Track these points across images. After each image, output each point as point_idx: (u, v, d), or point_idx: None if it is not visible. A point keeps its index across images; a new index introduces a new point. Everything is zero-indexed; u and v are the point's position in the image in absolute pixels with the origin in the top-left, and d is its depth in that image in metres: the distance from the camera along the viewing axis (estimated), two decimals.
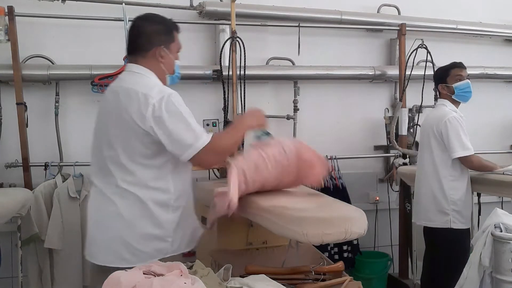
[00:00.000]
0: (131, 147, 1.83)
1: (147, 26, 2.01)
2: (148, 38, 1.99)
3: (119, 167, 1.84)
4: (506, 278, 1.98)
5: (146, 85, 1.87)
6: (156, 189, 1.87)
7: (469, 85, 2.97)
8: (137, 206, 1.84)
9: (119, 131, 1.84)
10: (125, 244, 1.83)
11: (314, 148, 3.85)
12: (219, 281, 1.64)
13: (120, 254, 1.83)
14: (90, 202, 1.95)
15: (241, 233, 2.63)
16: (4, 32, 2.96)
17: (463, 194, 2.88)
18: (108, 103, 1.92)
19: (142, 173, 1.84)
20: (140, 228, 1.85)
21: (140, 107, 1.79)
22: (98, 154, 1.91)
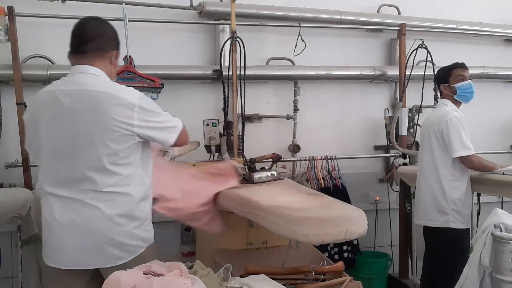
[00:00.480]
0: (112, 150, 1.83)
1: (108, 28, 1.99)
2: (109, 40, 1.97)
3: (100, 172, 1.83)
4: (506, 278, 1.98)
5: (120, 88, 1.88)
6: (135, 184, 1.91)
7: (471, 85, 2.97)
8: (122, 204, 1.87)
9: (99, 137, 1.82)
10: (116, 244, 1.87)
11: (314, 148, 3.88)
12: (219, 281, 1.64)
13: (113, 254, 1.86)
14: (59, 213, 1.86)
15: (241, 233, 2.64)
16: (4, 32, 2.96)
17: (463, 194, 2.88)
18: (75, 109, 1.83)
19: (122, 173, 1.87)
20: (127, 225, 1.89)
21: (126, 112, 1.82)
22: (67, 164, 1.85)
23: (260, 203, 2.20)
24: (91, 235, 1.85)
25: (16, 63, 3.04)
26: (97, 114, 1.82)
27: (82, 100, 1.83)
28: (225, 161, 2.56)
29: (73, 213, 1.85)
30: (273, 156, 3.10)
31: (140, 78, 3.21)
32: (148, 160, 2.02)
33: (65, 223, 1.86)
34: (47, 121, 1.87)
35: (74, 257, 1.87)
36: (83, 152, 1.83)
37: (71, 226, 1.85)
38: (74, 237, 1.85)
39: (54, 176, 1.89)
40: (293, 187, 2.66)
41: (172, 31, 3.59)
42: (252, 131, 3.63)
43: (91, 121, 1.82)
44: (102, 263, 1.86)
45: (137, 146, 1.91)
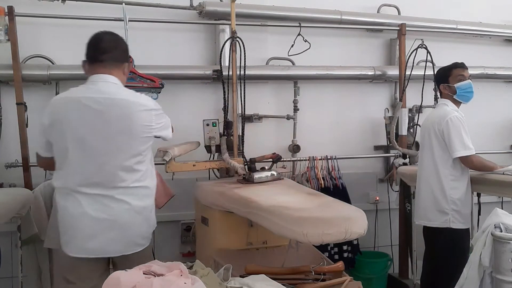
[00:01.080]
0: (137, 151, 2.11)
1: (122, 42, 2.22)
2: (123, 53, 2.20)
3: (128, 171, 2.09)
4: (506, 278, 1.99)
5: (139, 96, 2.16)
6: (150, 178, 2.21)
7: (471, 85, 2.97)
8: (143, 196, 2.15)
9: (127, 140, 2.08)
10: (140, 232, 2.15)
11: (314, 148, 3.88)
12: (219, 281, 1.64)
13: (136, 242, 2.14)
14: (89, 209, 2.06)
15: (241, 233, 2.64)
16: (4, 32, 2.95)
17: (463, 194, 2.88)
18: (104, 115, 2.04)
19: (142, 169, 2.14)
20: (147, 214, 2.18)
21: (148, 117, 2.11)
22: (97, 165, 2.05)
23: (260, 203, 2.20)
24: (120, 226, 2.08)
25: (16, 63, 3.04)
26: (125, 120, 2.06)
27: (111, 107, 2.05)
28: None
29: (103, 208, 2.06)
30: (273, 156, 3.10)
31: (140, 78, 3.21)
32: (152, 156, 2.29)
33: (95, 217, 2.06)
34: (75, 125, 2.04)
35: (103, 247, 2.08)
36: (113, 154, 2.06)
37: (102, 219, 2.06)
38: (105, 229, 2.07)
39: (83, 176, 2.06)
40: (293, 187, 2.67)
41: (172, 31, 3.59)
42: (252, 131, 3.62)
43: (120, 127, 2.06)
44: (127, 250, 2.11)
45: (151, 145, 2.20)
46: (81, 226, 2.06)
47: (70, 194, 2.08)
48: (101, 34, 2.18)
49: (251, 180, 2.75)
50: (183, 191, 3.38)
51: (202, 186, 2.90)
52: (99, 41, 2.15)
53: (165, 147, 2.75)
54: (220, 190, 2.65)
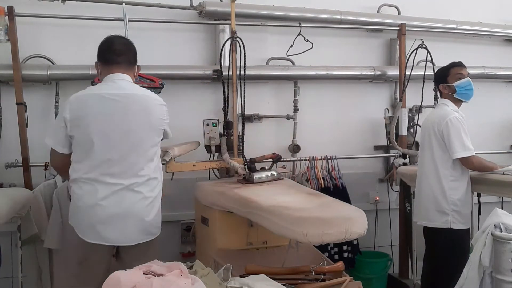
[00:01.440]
0: (155, 142, 2.29)
1: (133, 46, 2.39)
2: (135, 56, 2.37)
3: (146, 161, 2.24)
4: (506, 278, 1.98)
5: (151, 92, 2.39)
6: (159, 171, 2.34)
7: (470, 82, 2.97)
8: (155, 188, 2.29)
9: (147, 130, 2.25)
10: (153, 222, 2.28)
11: (314, 148, 3.89)
12: (219, 281, 1.64)
13: (150, 231, 2.27)
14: (105, 198, 2.17)
15: (241, 233, 2.64)
16: (4, 32, 2.95)
17: (463, 194, 2.88)
18: (127, 109, 2.21)
19: (155, 161, 2.31)
20: (158, 205, 2.32)
21: (162, 111, 2.32)
22: (120, 155, 2.19)
23: (260, 203, 2.20)
24: (135, 215, 2.20)
25: (16, 63, 3.04)
26: (145, 112, 2.25)
27: (132, 101, 2.23)
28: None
29: (119, 198, 2.18)
30: (273, 156, 3.10)
31: (140, 78, 3.21)
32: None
33: (111, 206, 2.17)
34: (100, 118, 2.18)
35: (119, 236, 2.20)
36: (136, 145, 2.22)
37: (117, 208, 2.17)
38: (120, 218, 2.18)
39: (106, 165, 2.18)
40: (293, 187, 2.67)
41: (172, 31, 3.59)
42: (252, 131, 3.62)
43: (141, 119, 2.23)
44: (141, 239, 2.24)
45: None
46: (98, 214, 2.16)
47: (88, 183, 2.18)
48: (114, 38, 2.35)
49: (251, 180, 2.75)
50: (183, 191, 3.38)
51: (202, 186, 2.90)
52: (114, 44, 2.31)
53: (165, 147, 2.75)
54: (220, 190, 2.65)
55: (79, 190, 2.19)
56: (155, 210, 2.29)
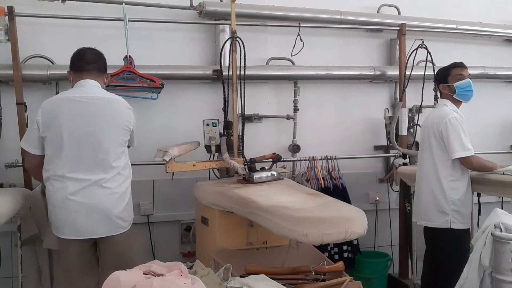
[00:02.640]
0: (121, 141, 2.45)
1: (103, 56, 2.60)
2: (104, 65, 2.59)
3: (114, 158, 2.40)
4: (506, 278, 1.99)
5: (119, 97, 2.55)
6: (128, 169, 2.52)
7: (470, 84, 2.97)
8: (123, 184, 2.44)
9: (114, 129, 2.42)
10: (121, 216, 2.41)
11: (314, 148, 3.89)
12: (219, 281, 1.64)
13: (119, 224, 2.41)
14: (75, 193, 2.34)
15: (241, 233, 2.64)
16: (4, 32, 2.95)
17: (463, 194, 2.88)
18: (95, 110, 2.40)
19: (123, 159, 2.47)
20: (126, 200, 2.46)
21: (129, 113, 2.50)
22: (88, 152, 2.36)
23: (260, 203, 2.20)
24: (103, 209, 2.35)
25: (16, 63, 3.04)
26: (113, 113, 2.43)
27: (100, 103, 2.43)
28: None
29: (88, 192, 2.34)
30: (273, 156, 3.10)
31: (140, 78, 3.22)
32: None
33: (81, 201, 2.33)
34: (70, 120, 2.36)
35: (90, 228, 2.35)
36: (102, 143, 2.37)
37: (86, 203, 2.33)
38: (89, 211, 2.33)
39: (76, 163, 2.35)
40: (293, 187, 2.67)
41: (172, 31, 3.59)
42: (252, 131, 3.63)
43: (109, 118, 2.41)
44: (110, 232, 2.38)
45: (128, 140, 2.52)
46: (68, 209, 2.33)
47: (59, 181, 2.35)
48: (85, 49, 2.55)
49: (251, 180, 2.75)
50: (183, 191, 3.39)
51: (202, 186, 2.90)
52: (85, 54, 2.52)
53: (165, 147, 2.76)
54: (220, 190, 2.65)
55: (52, 188, 2.37)
56: (123, 204, 2.42)
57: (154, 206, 3.50)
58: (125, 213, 2.44)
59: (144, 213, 3.46)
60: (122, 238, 2.44)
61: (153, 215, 3.49)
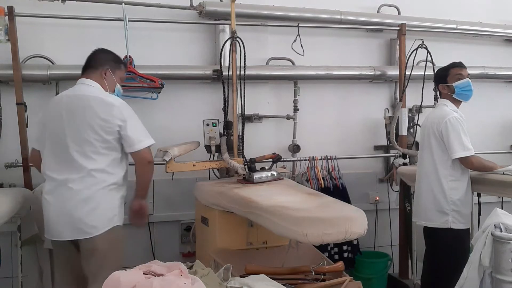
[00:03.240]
0: (94, 141, 2.31)
1: (99, 52, 2.57)
2: (100, 59, 2.52)
3: (85, 158, 2.30)
4: (506, 278, 1.98)
5: (102, 94, 2.42)
6: (108, 175, 2.35)
7: (469, 83, 2.97)
8: (95, 186, 2.30)
9: (85, 128, 2.31)
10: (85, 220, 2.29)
11: (314, 148, 3.89)
12: (219, 281, 1.64)
13: (82, 229, 2.29)
14: (49, 193, 2.35)
15: (241, 233, 2.64)
16: (4, 32, 2.96)
17: (463, 194, 2.88)
18: (73, 107, 2.36)
19: (102, 161, 2.33)
20: (98, 206, 2.31)
21: (107, 111, 2.33)
22: (61, 151, 2.33)
23: (260, 203, 2.20)
24: (66, 210, 2.28)
25: (16, 63, 3.04)
26: (84, 111, 2.33)
27: (76, 101, 2.38)
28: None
29: (57, 193, 2.32)
30: (273, 156, 3.10)
31: (140, 78, 3.22)
32: (123, 162, 2.44)
33: (51, 202, 2.33)
34: (50, 119, 2.41)
35: (56, 230, 2.33)
36: (69, 142, 2.31)
37: (54, 204, 2.32)
38: (57, 213, 2.31)
39: (51, 162, 2.36)
40: (293, 187, 2.67)
41: (172, 31, 3.59)
42: (252, 131, 3.62)
43: (78, 117, 2.33)
44: (73, 235, 2.31)
45: (115, 143, 2.36)
46: (44, 208, 2.38)
47: (45, 179, 2.40)
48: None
49: (251, 180, 2.75)
50: (183, 191, 3.38)
51: (202, 186, 2.90)
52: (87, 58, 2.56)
53: (165, 147, 2.76)
54: (220, 190, 2.65)
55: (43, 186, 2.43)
56: (87, 208, 2.28)
57: (154, 206, 3.50)
58: (90, 218, 2.28)
59: None
60: (87, 245, 2.30)
61: (153, 215, 3.49)
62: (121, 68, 2.60)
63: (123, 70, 2.63)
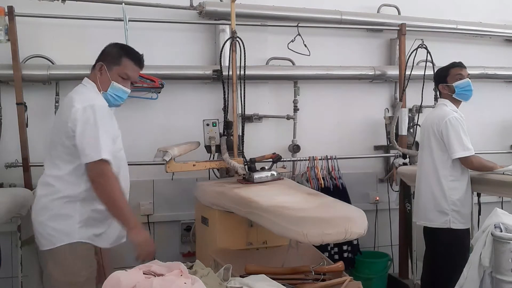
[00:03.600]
0: (57, 147, 2.14)
1: (107, 46, 2.32)
2: (100, 55, 2.30)
3: (51, 165, 2.17)
4: (506, 278, 1.98)
5: (81, 93, 2.20)
6: (63, 182, 2.14)
7: (469, 83, 2.98)
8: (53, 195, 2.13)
9: (56, 133, 2.17)
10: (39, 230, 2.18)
11: (314, 148, 3.89)
12: (219, 281, 1.64)
13: (38, 238, 2.19)
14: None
15: (241, 233, 2.64)
16: (4, 32, 2.96)
17: (462, 194, 2.88)
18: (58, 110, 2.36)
19: (65, 169, 2.13)
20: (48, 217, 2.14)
21: (69, 114, 2.08)
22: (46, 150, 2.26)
23: (260, 203, 2.20)
24: (34, 217, 2.19)
25: (16, 63, 3.04)
26: (58, 115, 2.28)
27: (63, 102, 2.26)
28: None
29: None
30: (273, 156, 3.10)
31: (140, 78, 3.21)
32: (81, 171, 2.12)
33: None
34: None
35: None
36: (47, 147, 2.25)
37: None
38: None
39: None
40: (293, 187, 2.67)
41: (172, 31, 3.59)
42: (252, 131, 3.63)
43: (55, 121, 2.28)
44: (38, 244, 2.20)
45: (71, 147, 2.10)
46: None
47: None
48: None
49: (251, 180, 2.75)
50: (183, 191, 3.39)
51: (202, 186, 2.90)
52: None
53: (165, 147, 2.75)
54: (220, 190, 2.65)
55: None
56: (42, 217, 2.14)
57: (154, 206, 3.50)
58: (44, 228, 2.13)
59: (144, 213, 3.45)
60: (43, 255, 2.19)
61: (153, 215, 3.49)
62: (121, 63, 2.24)
63: (124, 67, 2.24)
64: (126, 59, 2.25)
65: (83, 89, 2.23)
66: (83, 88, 2.23)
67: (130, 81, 2.29)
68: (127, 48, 2.33)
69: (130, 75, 2.27)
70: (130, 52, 2.29)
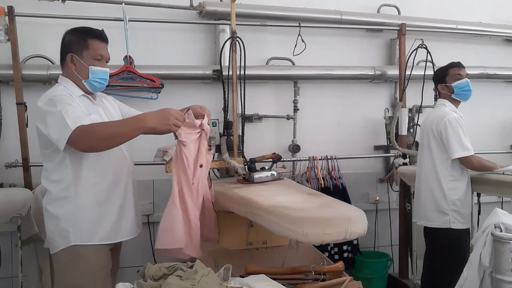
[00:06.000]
0: (42, 143, 2.11)
1: (64, 37, 2.22)
2: (62, 49, 2.20)
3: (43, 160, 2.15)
4: (506, 278, 1.98)
5: (49, 91, 2.12)
6: (55, 181, 2.10)
7: (468, 83, 2.98)
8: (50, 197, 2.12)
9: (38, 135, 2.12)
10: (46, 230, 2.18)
11: (314, 148, 3.89)
12: (219, 281, 1.64)
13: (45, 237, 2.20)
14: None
15: (241, 233, 2.63)
16: (4, 32, 2.96)
17: (462, 194, 2.89)
18: None
19: (47, 167, 2.12)
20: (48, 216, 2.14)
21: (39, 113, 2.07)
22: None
23: (260, 203, 2.20)
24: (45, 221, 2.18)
25: (16, 63, 3.04)
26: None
27: None
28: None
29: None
30: (273, 156, 3.09)
31: (140, 78, 3.22)
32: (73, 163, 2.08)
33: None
34: None
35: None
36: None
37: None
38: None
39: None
40: (293, 187, 2.66)
41: (172, 31, 3.59)
42: (252, 131, 3.63)
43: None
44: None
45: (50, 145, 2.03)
46: None
47: None
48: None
49: (251, 180, 2.74)
50: None
51: None
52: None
53: (165, 147, 2.75)
54: (220, 190, 2.65)
55: None
56: (46, 220, 2.15)
57: (154, 206, 3.50)
58: (46, 231, 2.16)
59: (144, 213, 3.44)
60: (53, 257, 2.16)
61: (153, 215, 3.49)
62: (89, 46, 2.14)
63: (94, 48, 2.15)
64: (91, 40, 2.16)
65: (53, 87, 2.17)
66: (54, 86, 2.17)
67: (104, 60, 2.21)
68: (85, 29, 2.22)
69: (103, 54, 2.19)
70: (90, 32, 2.20)
